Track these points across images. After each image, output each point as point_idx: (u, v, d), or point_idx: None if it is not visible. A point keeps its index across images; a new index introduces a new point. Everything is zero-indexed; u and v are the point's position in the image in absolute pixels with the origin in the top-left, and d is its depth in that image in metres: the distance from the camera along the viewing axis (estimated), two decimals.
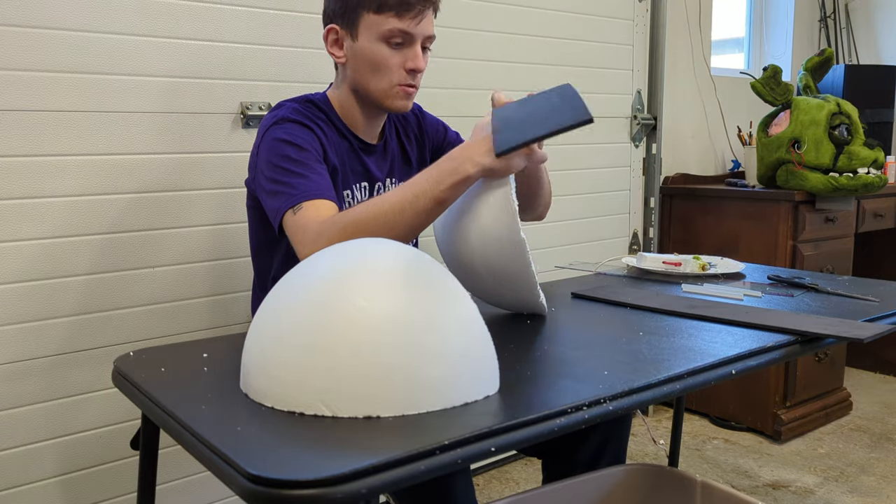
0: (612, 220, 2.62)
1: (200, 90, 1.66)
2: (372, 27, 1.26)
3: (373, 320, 0.81)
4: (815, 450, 2.47)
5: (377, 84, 1.29)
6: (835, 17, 3.49)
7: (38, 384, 1.53)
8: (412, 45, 1.28)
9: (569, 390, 0.88)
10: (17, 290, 1.49)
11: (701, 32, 2.98)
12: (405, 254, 0.90)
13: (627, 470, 1.18)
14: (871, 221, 2.81)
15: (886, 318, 1.26)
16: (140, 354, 1.07)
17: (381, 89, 1.30)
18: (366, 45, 1.27)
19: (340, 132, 1.35)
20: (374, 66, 1.28)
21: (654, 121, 2.66)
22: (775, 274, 1.62)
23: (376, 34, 1.26)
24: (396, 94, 1.30)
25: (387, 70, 1.28)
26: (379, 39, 1.26)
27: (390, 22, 1.25)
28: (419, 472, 0.71)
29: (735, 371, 1.01)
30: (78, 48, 1.51)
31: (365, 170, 1.39)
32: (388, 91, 1.30)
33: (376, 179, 1.41)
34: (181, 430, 0.81)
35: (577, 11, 2.41)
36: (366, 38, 1.27)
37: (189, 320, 1.70)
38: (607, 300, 1.38)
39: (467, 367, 0.85)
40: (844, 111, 2.52)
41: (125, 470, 1.65)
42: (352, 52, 1.29)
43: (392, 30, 1.25)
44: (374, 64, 1.28)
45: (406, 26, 1.26)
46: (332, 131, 1.33)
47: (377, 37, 1.26)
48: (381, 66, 1.28)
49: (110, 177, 1.57)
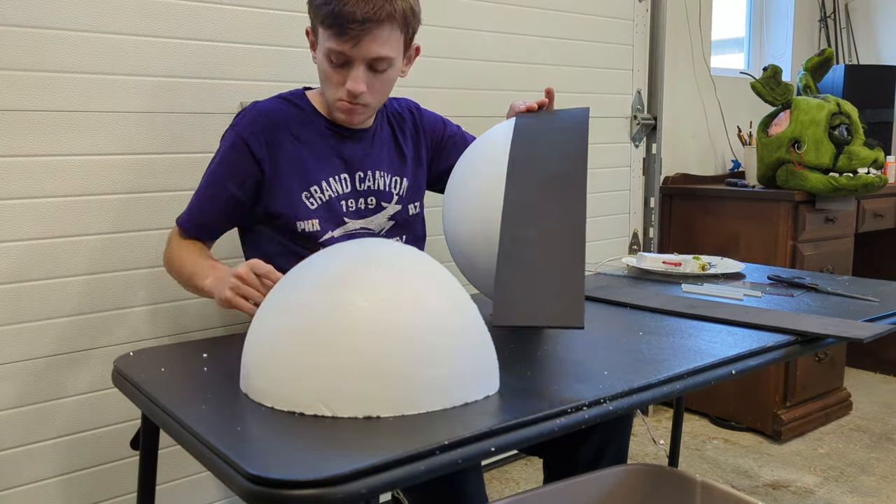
0: (612, 220, 2.62)
1: (200, 90, 1.66)
2: (322, 41, 1.29)
3: (373, 320, 0.81)
4: (815, 450, 2.47)
5: (326, 94, 1.34)
6: (835, 17, 3.49)
7: (38, 384, 1.53)
8: (352, 66, 1.27)
9: (569, 390, 0.88)
10: (17, 290, 1.49)
11: (701, 32, 2.98)
12: (405, 254, 0.90)
13: (627, 470, 1.18)
14: (871, 221, 2.81)
15: (886, 318, 1.26)
16: (140, 354, 1.07)
17: (328, 100, 1.34)
18: (319, 56, 1.31)
19: (313, 122, 1.38)
20: (321, 78, 1.33)
21: (654, 121, 2.66)
22: (775, 274, 1.62)
23: (323, 49, 1.29)
24: (338, 108, 1.33)
25: (328, 85, 1.31)
26: (324, 55, 1.29)
27: (330, 41, 1.26)
28: (419, 472, 0.71)
29: (735, 371, 1.01)
30: (78, 48, 1.51)
31: (342, 159, 1.39)
32: (332, 103, 1.34)
33: (357, 168, 1.41)
34: (181, 430, 0.81)
35: (577, 11, 2.41)
36: (320, 50, 1.30)
37: (189, 320, 1.70)
38: (607, 300, 1.38)
39: (467, 367, 0.85)
40: (844, 111, 2.52)
41: (125, 470, 1.65)
42: (317, 59, 1.33)
43: (331, 48, 1.26)
44: (321, 75, 1.33)
45: (342, 48, 1.25)
46: (303, 123, 1.37)
47: (323, 52, 1.29)
48: (326, 80, 1.31)
49: (110, 177, 1.57)
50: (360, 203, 1.42)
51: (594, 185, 2.54)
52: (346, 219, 1.39)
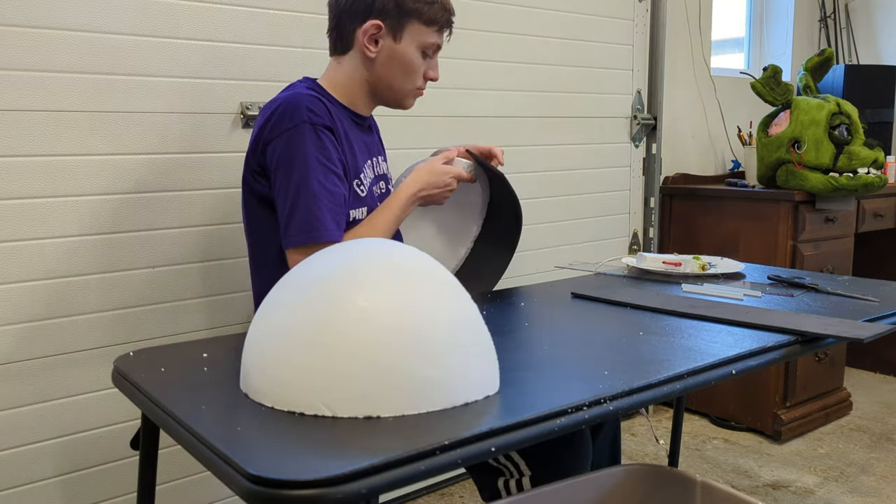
0: (612, 220, 2.62)
1: (200, 90, 1.66)
2: (416, 36, 1.37)
3: (373, 320, 0.81)
4: (815, 450, 2.47)
5: (402, 85, 1.40)
6: (835, 17, 3.49)
7: (38, 384, 1.53)
8: (434, 57, 1.43)
9: (569, 390, 0.88)
10: (17, 289, 1.49)
11: (701, 32, 2.98)
12: (405, 254, 0.90)
13: (627, 470, 1.18)
14: (871, 221, 2.81)
15: (886, 318, 1.26)
16: (140, 354, 1.07)
17: (405, 89, 1.41)
18: (406, 49, 1.37)
19: (341, 113, 1.40)
20: (405, 69, 1.39)
21: (654, 121, 2.66)
22: (775, 274, 1.62)
23: (418, 43, 1.38)
24: (413, 95, 1.44)
25: (415, 74, 1.40)
26: (417, 47, 1.38)
27: (432, 36, 1.39)
28: (419, 472, 0.71)
29: (735, 371, 1.01)
30: (78, 48, 1.51)
31: (366, 146, 1.45)
32: (409, 91, 1.42)
33: (373, 154, 1.47)
34: (181, 430, 0.81)
35: (577, 11, 2.40)
36: (408, 43, 1.37)
37: (189, 320, 1.70)
38: (607, 300, 1.38)
39: (467, 367, 0.85)
40: (844, 111, 2.52)
41: (125, 470, 1.65)
42: (389, 51, 1.37)
43: (432, 43, 1.39)
44: (406, 67, 1.39)
45: (440, 41, 1.41)
46: (337, 113, 1.37)
47: (417, 45, 1.38)
48: (412, 70, 1.39)
49: (110, 177, 1.57)
50: (380, 187, 1.47)
51: (594, 185, 2.54)
52: (377, 203, 1.43)
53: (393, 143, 1.77)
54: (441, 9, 1.38)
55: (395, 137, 1.91)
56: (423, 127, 2.06)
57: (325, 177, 1.27)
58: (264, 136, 1.31)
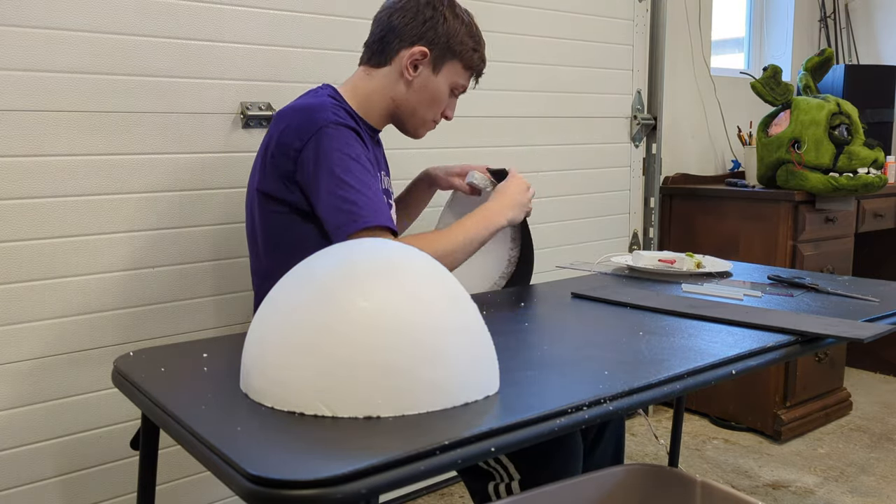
0: (612, 220, 2.62)
1: (200, 90, 1.66)
2: (452, 74, 1.45)
3: (373, 320, 0.81)
4: (815, 450, 2.47)
5: (424, 114, 1.46)
6: (835, 17, 3.49)
7: (39, 384, 1.53)
8: (456, 98, 1.50)
9: (569, 390, 0.88)
10: (17, 290, 1.49)
11: (701, 32, 2.98)
12: (406, 254, 0.90)
13: (627, 470, 1.18)
14: (871, 221, 2.81)
15: (886, 318, 1.26)
16: (140, 354, 1.07)
17: (425, 119, 1.47)
18: (440, 83, 1.44)
19: (361, 125, 1.41)
20: (433, 101, 1.45)
21: (654, 121, 2.66)
22: (775, 274, 1.62)
23: (451, 81, 1.45)
24: (429, 127, 1.50)
25: (437, 108, 1.47)
26: (449, 85, 1.45)
27: (465, 79, 1.47)
28: (419, 472, 0.71)
29: (735, 371, 1.01)
30: (78, 48, 1.51)
31: (377, 159, 1.46)
32: (427, 122, 1.48)
33: (380, 167, 1.48)
34: (181, 430, 0.81)
35: (577, 11, 2.40)
36: (443, 78, 1.44)
37: (189, 320, 1.70)
38: (607, 300, 1.38)
39: (467, 367, 0.85)
40: (844, 111, 2.52)
41: (125, 470, 1.65)
42: (425, 80, 1.43)
43: (463, 86, 1.48)
44: (434, 99, 1.45)
45: (467, 85, 1.49)
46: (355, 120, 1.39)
47: (450, 82, 1.45)
48: (438, 103, 1.46)
49: (110, 177, 1.57)
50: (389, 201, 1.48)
51: (594, 185, 2.54)
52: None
53: (392, 144, 1.76)
54: (480, 59, 1.47)
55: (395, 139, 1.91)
56: None
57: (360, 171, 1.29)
58: (291, 143, 1.29)
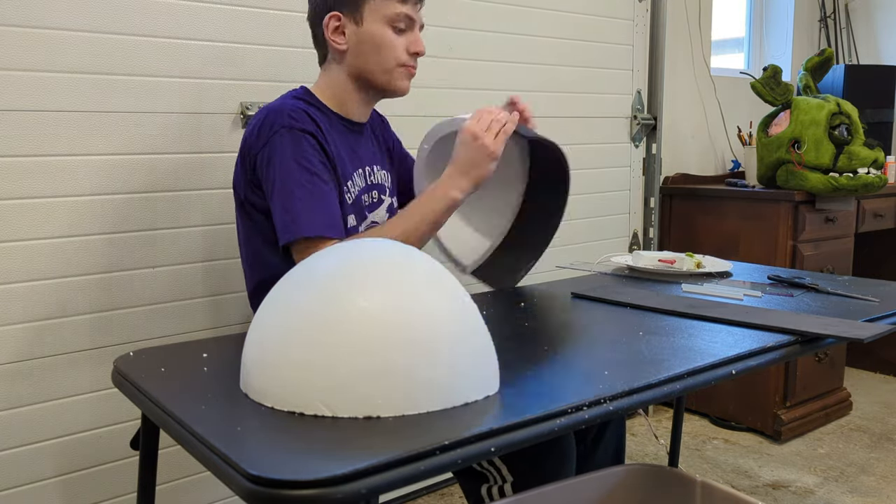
0: (612, 220, 2.62)
1: (200, 90, 1.66)
2: (377, 11, 1.32)
3: (373, 320, 0.81)
4: (815, 450, 2.47)
5: (383, 65, 1.35)
6: (835, 17, 3.49)
7: (38, 384, 1.53)
8: (413, 29, 1.36)
9: (569, 390, 0.88)
10: (17, 290, 1.49)
11: (701, 32, 2.98)
12: (405, 253, 0.90)
13: (627, 470, 1.18)
14: (871, 221, 2.81)
15: (886, 318, 1.26)
16: (140, 354, 1.07)
17: (386, 69, 1.35)
18: (371, 28, 1.33)
19: (331, 120, 1.38)
20: (378, 48, 1.34)
21: (654, 121, 2.66)
22: (775, 274, 1.62)
23: (382, 18, 1.33)
24: (400, 74, 1.37)
25: (392, 51, 1.34)
26: (384, 23, 1.33)
27: (395, 6, 1.32)
28: (419, 472, 0.71)
29: (735, 371, 1.01)
30: (78, 48, 1.51)
31: (357, 154, 1.41)
32: (392, 71, 1.35)
33: (365, 163, 1.43)
34: (181, 430, 0.81)
35: (577, 11, 2.40)
36: (371, 21, 1.33)
37: (189, 320, 1.70)
38: (607, 300, 1.38)
39: (467, 367, 0.85)
40: (844, 111, 2.52)
41: (125, 470, 1.65)
42: (356, 37, 1.34)
43: (399, 13, 1.33)
44: (379, 46, 1.34)
45: (409, 11, 1.34)
46: (325, 120, 1.35)
47: (383, 20, 1.33)
48: (385, 47, 1.34)
49: (110, 177, 1.57)
50: (371, 196, 1.44)
51: (594, 185, 2.54)
52: (366, 213, 1.41)
53: None
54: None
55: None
56: (422, 127, 2.06)
57: (305, 178, 1.25)
58: (251, 147, 1.30)
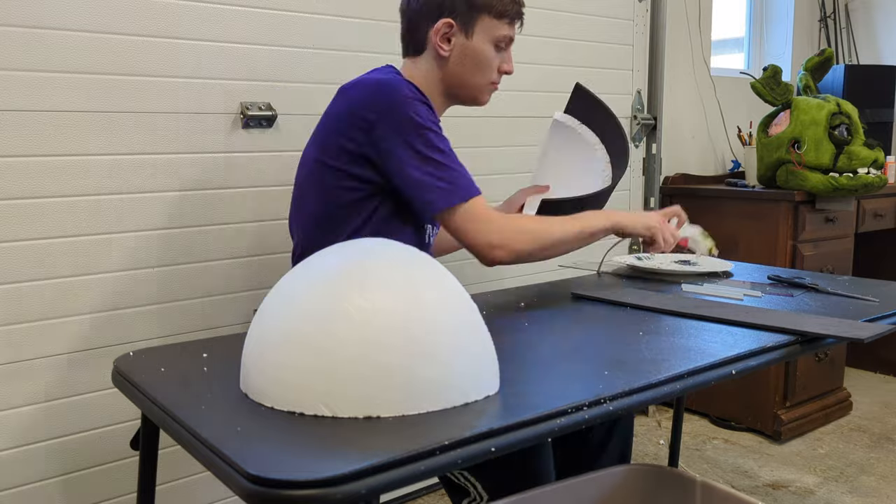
0: None
1: (200, 90, 1.66)
2: (487, 30, 1.38)
3: (373, 320, 0.81)
4: (815, 450, 2.47)
5: (478, 80, 1.41)
6: (835, 17, 3.49)
7: (38, 384, 1.53)
8: (508, 49, 1.43)
9: (569, 390, 0.88)
10: (17, 290, 1.49)
11: (701, 32, 2.98)
12: (405, 254, 0.90)
13: (627, 470, 1.18)
14: (871, 221, 2.81)
15: (886, 318, 1.26)
16: (140, 354, 1.07)
17: (480, 85, 1.42)
18: (478, 44, 1.38)
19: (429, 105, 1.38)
20: (479, 64, 1.39)
21: (653, 121, 2.66)
22: (775, 274, 1.62)
23: (490, 37, 1.38)
24: (488, 90, 1.44)
25: (489, 69, 1.41)
26: (490, 42, 1.39)
27: (504, 29, 1.39)
28: (419, 472, 0.71)
29: (735, 371, 1.01)
30: (78, 48, 1.51)
31: None
32: (484, 87, 1.42)
33: None
34: (181, 430, 0.81)
35: (577, 11, 2.40)
36: (480, 38, 1.38)
37: (189, 320, 1.70)
38: (607, 300, 1.38)
39: (467, 367, 0.85)
40: (844, 111, 2.52)
41: (125, 470, 1.65)
42: (461, 48, 1.38)
43: (505, 36, 1.39)
44: (480, 62, 1.39)
45: (512, 34, 1.41)
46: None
47: (490, 39, 1.39)
48: (486, 64, 1.40)
49: (110, 177, 1.57)
50: None
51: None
52: None
53: None
54: (510, 1, 1.38)
55: None
56: None
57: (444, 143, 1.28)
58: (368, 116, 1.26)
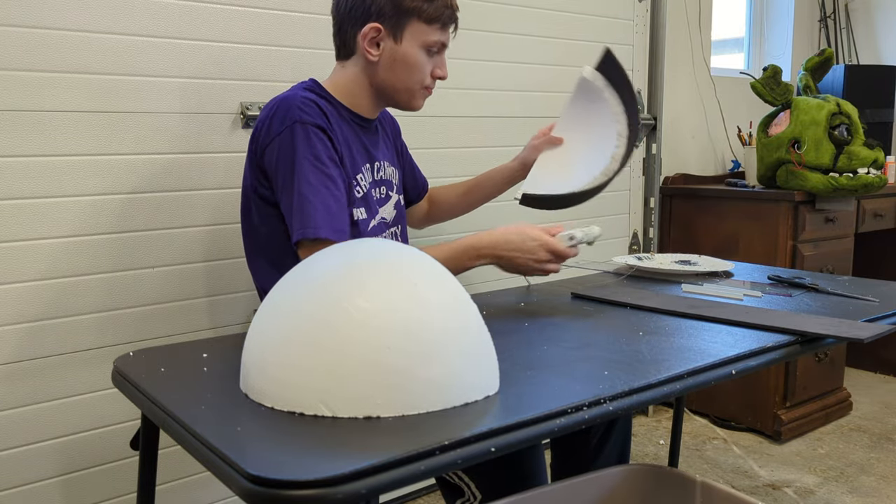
0: (612, 220, 2.62)
1: (200, 90, 1.66)
2: (417, 35, 1.35)
3: (373, 320, 0.81)
4: (815, 450, 2.47)
5: (408, 85, 1.38)
6: (835, 17, 3.49)
7: (38, 384, 1.53)
8: (441, 54, 1.41)
9: (569, 390, 0.88)
10: (17, 290, 1.49)
11: (701, 32, 2.98)
12: (405, 254, 0.90)
13: (627, 470, 1.18)
14: (871, 221, 2.81)
15: (886, 318, 1.26)
16: (140, 354, 1.07)
17: (411, 90, 1.39)
18: (408, 49, 1.35)
19: (341, 114, 1.38)
20: (409, 70, 1.37)
21: (654, 121, 2.66)
22: (775, 274, 1.62)
23: (420, 42, 1.36)
24: (421, 94, 1.41)
25: (420, 74, 1.38)
26: (421, 46, 1.36)
27: (435, 34, 1.36)
28: (419, 472, 0.71)
29: (735, 371, 1.01)
30: (78, 48, 1.51)
31: (366, 149, 1.42)
32: (416, 92, 1.40)
33: (374, 159, 1.44)
34: (181, 430, 0.81)
35: (577, 11, 2.40)
36: (409, 43, 1.35)
37: (189, 320, 1.70)
38: (607, 300, 1.38)
39: (467, 367, 0.85)
40: (844, 111, 2.52)
41: (125, 470, 1.65)
42: (390, 53, 1.36)
43: (436, 41, 1.37)
44: (411, 68, 1.37)
45: (445, 39, 1.39)
46: (334, 113, 1.36)
47: (420, 44, 1.36)
48: (416, 70, 1.37)
49: (110, 177, 1.57)
50: (380, 192, 1.44)
51: None
52: (376, 207, 1.41)
53: None
54: (442, 5, 1.34)
55: None
56: (420, 127, 2.06)
57: (317, 178, 1.26)
58: (261, 139, 1.31)
